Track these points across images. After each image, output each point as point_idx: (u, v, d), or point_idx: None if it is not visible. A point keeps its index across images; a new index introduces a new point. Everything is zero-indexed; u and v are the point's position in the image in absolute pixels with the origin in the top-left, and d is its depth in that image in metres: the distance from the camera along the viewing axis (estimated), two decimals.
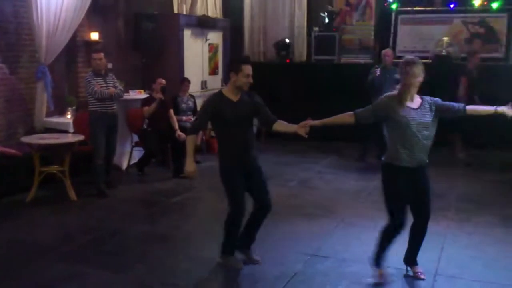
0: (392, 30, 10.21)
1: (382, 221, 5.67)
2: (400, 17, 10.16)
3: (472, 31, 9.81)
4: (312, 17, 10.76)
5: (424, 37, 10.07)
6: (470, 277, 4.35)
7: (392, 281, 4.27)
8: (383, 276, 4.26)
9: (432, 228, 5.47)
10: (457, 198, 6.64)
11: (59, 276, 4.34)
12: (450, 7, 9.91)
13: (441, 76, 7.92)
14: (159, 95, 7.60)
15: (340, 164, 8.49)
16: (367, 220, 5.75)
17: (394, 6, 10.20)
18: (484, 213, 6.01)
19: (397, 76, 7.98)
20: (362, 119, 4.10)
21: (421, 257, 4.74)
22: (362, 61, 10.25)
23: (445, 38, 9.66)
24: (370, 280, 4.26)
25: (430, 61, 9.59)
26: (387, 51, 8.41)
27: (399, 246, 4.33)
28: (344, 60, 10.48)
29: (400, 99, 3.99)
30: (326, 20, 10.42)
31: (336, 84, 9.81)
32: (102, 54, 6.74)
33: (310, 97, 9.86)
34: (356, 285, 4.22)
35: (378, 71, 8.12)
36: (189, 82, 8.64)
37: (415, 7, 10.16)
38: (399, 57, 9.61)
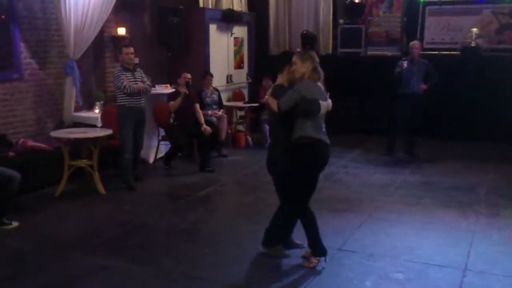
0: (419, 22, 10.04)
1: (411, 215, 5.68)
2: (428, 8, 9.97)
3: (503, 22, 9.58)
4: (338, 9, 10.65)
5: (452, 28, 9.88)
6: (501, 273, 4.26)
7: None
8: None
9: (461, 223, 5.46)
10: (487, 192, 6.51)
11: (87, 269, 4.39)
12: None
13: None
14: (183, 90, 7.63)
15: (366, 158, 8.39)
16: (396, 214, 5.70)
17: None
18: None
19: (425, 68, 8.09)
20: None
21: (450, 252, 4.69)
22: (389, 53, 10.12)
23: (474, 29, 9.46)
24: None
25: (459, 53, 9.45)
26: (415, 43, 8.27)
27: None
28: (370, 52, 10.35)
29: None
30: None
31: (362, 77, 9.71)
32: (132, 49, 6.78)
33: (336, 90, 9.73)
34: (384, 280, 4.17)
35: (405, 64, 8.01)
36: (211, 75, 8.64)
37: None
38: (427, 49, 9.55)
